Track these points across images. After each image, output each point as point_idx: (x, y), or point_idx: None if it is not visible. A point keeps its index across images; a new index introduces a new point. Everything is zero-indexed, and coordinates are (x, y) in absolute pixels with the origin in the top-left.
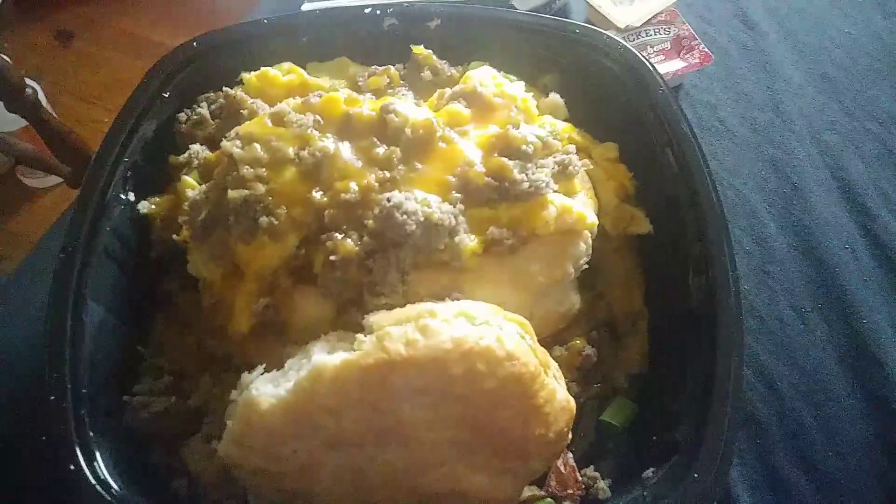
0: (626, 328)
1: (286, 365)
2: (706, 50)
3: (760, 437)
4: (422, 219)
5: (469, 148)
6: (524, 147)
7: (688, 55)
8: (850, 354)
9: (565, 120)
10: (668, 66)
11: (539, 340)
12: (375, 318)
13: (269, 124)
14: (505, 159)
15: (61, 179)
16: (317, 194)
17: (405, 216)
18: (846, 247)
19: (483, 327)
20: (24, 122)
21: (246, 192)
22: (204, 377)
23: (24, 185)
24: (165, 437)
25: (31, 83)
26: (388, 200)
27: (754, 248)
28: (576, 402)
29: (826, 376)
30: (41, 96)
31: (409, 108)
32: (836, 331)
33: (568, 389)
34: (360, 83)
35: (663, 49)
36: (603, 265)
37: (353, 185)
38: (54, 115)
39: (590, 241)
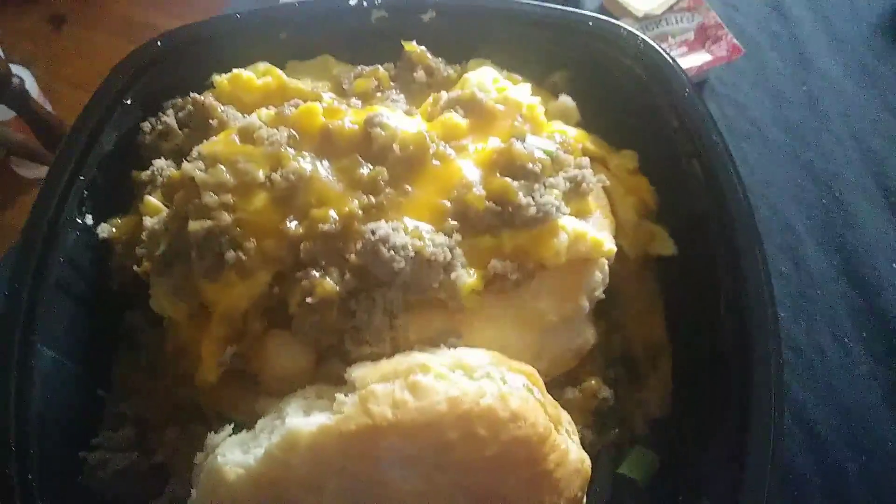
0: (646, 365)
1: (257, 426)
2: (734, 41)
3: (798, 488)
4: (412, 254)
5: (467, 167)
6: (530, 165)
7: (714, 46)
8: None
9: (577, 125)
10: (692, 60)
11: (549, 382)
12: (359, 374)
13: (238, 141)
14: (508, 179)
15: None
16: (291, 224)
17: (393, 251)
18: (894, 266)
19: (484, 382)
20: (14, 112)
21: (209, 222)
22: (170, 428)
23: (17, 175)
24: (126, 500)
25: (21, 70)
26: (374, 233)
27: (791, 270)
28: (590, 452)
29: (871, 418)
30: (33, 83)
31: (397, 121)
32: (883, 365)
33: (581, 438)
34: (344, 86)
35: (686, 40)
36: (620, 291)
37: (333, 214)
38: (45, 103)
39: (606, 269)
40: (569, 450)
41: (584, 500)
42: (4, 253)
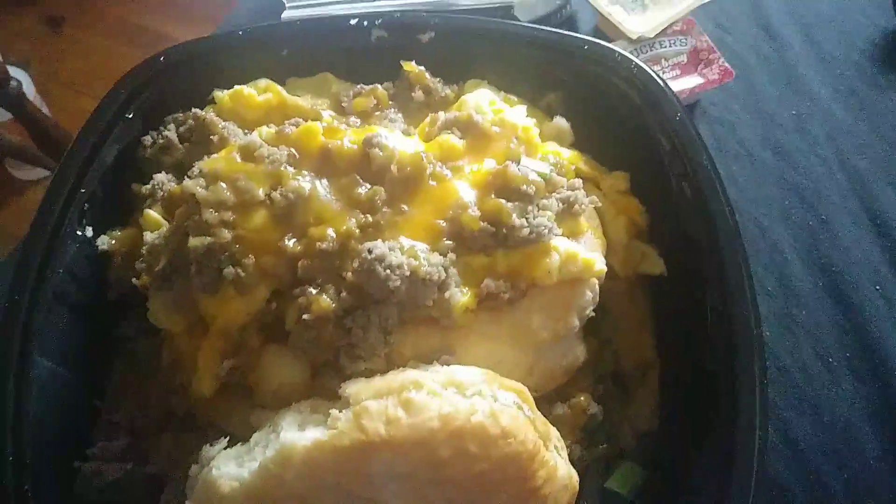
0: (634, 381)
1: (252, 439)
2: (726, 65)
3: (782, 501)
4: (407, 273)
5: (463, 187)
6: (525, 187)
7: (706, 70)
8: (880, 411)
9: (570, 146)
10: (684, 83)
11: (539, 397)
12: (353, 390)
13: (238, 159)
14: (503, 201)
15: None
16: (290, 242)
17: (389, 270)
18: (877, 288)
19: (475, 399)
20: (10, 115)
21: (209, 239)
22: (164, 437)
23: (12, 177)
24: None
25: (18, 72)
26: (370, 252)
27: (777, 290)
28: (579, 467)
29: (854, 435)
30: (29, 84)
31: (395, 141)
32: (866, 384)
33: (570, 452)
34: (343, 104)
35: (679, 63)
36: (610, 309)
37: (331, 232)
38: (42, 105)
39: (597, 288)
40: (557, 466)
41: None
42: (6, 249)
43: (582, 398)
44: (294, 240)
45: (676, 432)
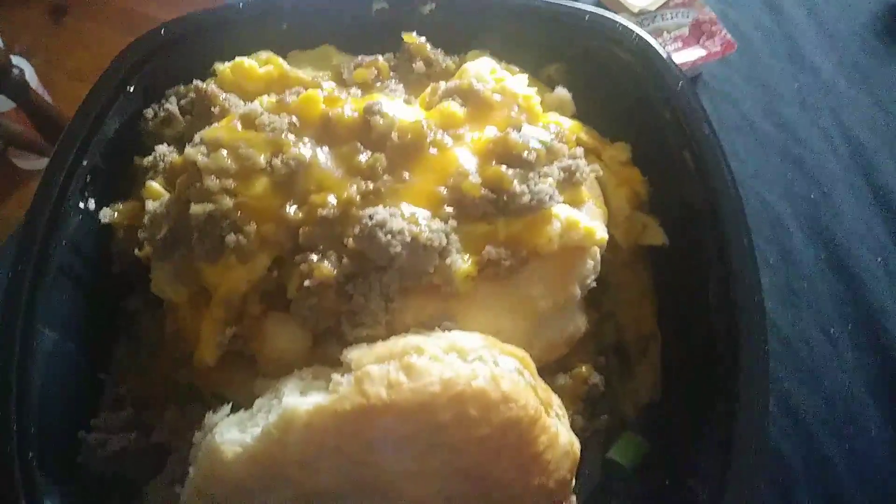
0: (636, 353)
1: (255, 405)
2: (728, 37)
3: (783, 473)
4: (408, 239)
5: (464, 155)
6: (526, 154)
7: (708, 42)
8: (881, 382)
9: (572, 117)
10: (686, 55)
11: (540, 368)
12: (355, 355)
13: (239, 127)
14: (504, 168)
15: None
16: (291, 209)
17: (390, 236)
18: (879, 260)
19: (476, 364)
20: (14, 103)
21: (211, 206)
22: (169, 408)
23: (15, 167)
24: (125, 479)
25: (21, 62)
26: (371, 218)
27: (779, 262)
28: (580, 437)
29: (855, 406)
30: (32, 75)
31: (396, 109)
32: (867, 355)
33: (572, 423)
34: (344, 75)
35: (681, 35)
36: (612, 280)
37: (332, 199)
38: (45, 95)
39: (598, 257)
40: (559, 432)
41: (574, 482)
42: (5, 239)
43: (583, 368)
44: (295, 207)
45: (678, 404)
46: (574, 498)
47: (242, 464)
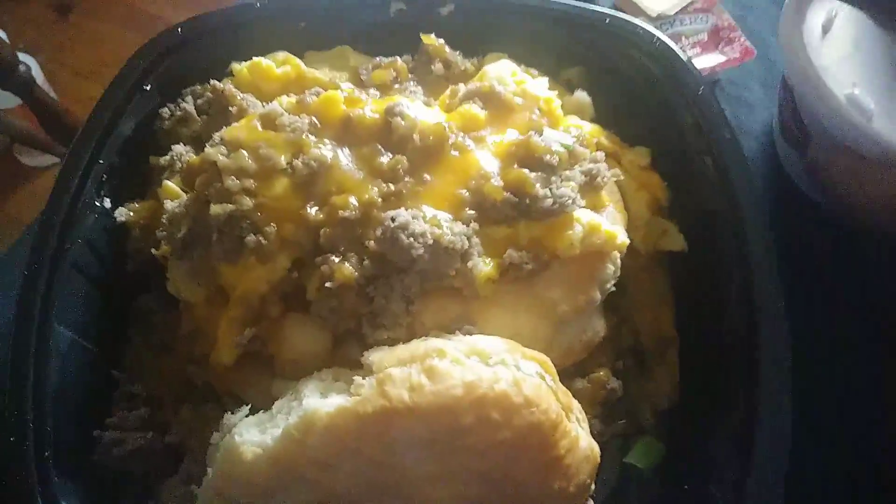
0: (654, 357)
1: (274, 407)
2: (747, 43)
3: (804, 479)
4: (430, 241)
5: (485, 158)
6: (548, 157)
7: (727, 48)
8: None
9: (592, 121)
10: (705, 61)
11: (559, 372)
12: (376, 357)
13: (259, 128)
14: (526, 171)
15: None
16: (311, 210)
17: (412, 239)
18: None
19: (498, 368)
20: (20, 100)
21: (231, 206)
22: (183, 408)
23: (20, 164)
24: (140, 477)
25: (26, 58)
26: (393, 220)
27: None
28: (598, 441)
29: (875, 411)
30: (38, 71)
31: (417, 111)
32: (885, 348)
33: (590, 427)
34: (362, 76)
35: (700, 41)
36: (630, 285)
37: (353, 200)
38: (50, 91)
39: (618, 262)
40: (579, 437)
41: (593, 486)
42: (14, 238)
43: (601, 373)
44: (316, 208)
45: (697, 409)
46: (592, 503)
47: (262, 465)
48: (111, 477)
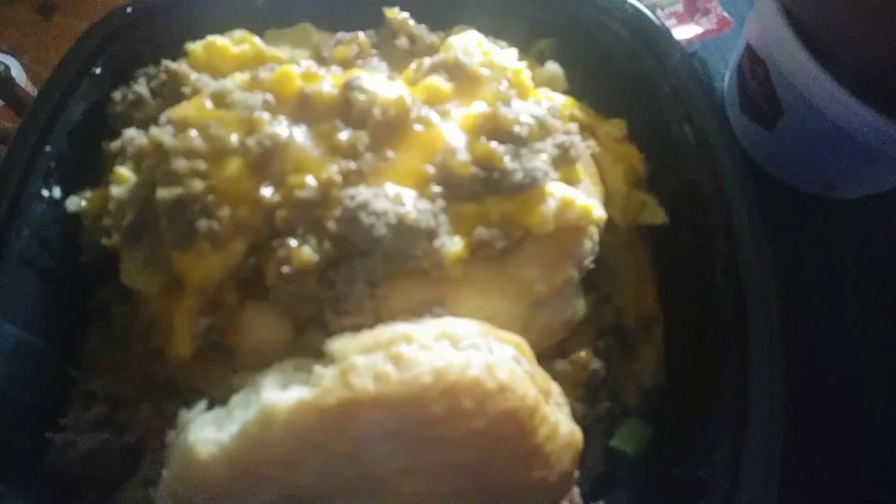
0: (638, 335)
1: (231, 401)
2: (723, 13)
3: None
4: (394, 220)
5: (451, 131)
6: (517, 129)
7: (703, 19)
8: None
9: (565, 93)
10: (681, 32)
11: (538, 354)
12: (338, 345)
13: (210, 106)
14: (494, 144)
15: None
16: (267, 191)
17: (373, 218)
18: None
19: (470, 352)
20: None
21: (179, 189)
22: (143, 405)
23: None
24: (97, 481)
25: (9, 60)
26: (353, 199)
27: None
28: (581, 425)
29: (873, 386)
30: (20, 72)
31: (377, 84)
32: (881, 321)
33: (571, 411)
34: (324, 53)
35: (675, 12)
36: (610, 262)
37: (311, 180)
38: (33, 92)
39: (596, 237)
40: (559, 423)
41: (576, 474)
42: None
43: (583, 353)
44: (271, 189)
45: (684, 388)
46: (577, 490)
47: (219, 465)
48: (67, 481)
